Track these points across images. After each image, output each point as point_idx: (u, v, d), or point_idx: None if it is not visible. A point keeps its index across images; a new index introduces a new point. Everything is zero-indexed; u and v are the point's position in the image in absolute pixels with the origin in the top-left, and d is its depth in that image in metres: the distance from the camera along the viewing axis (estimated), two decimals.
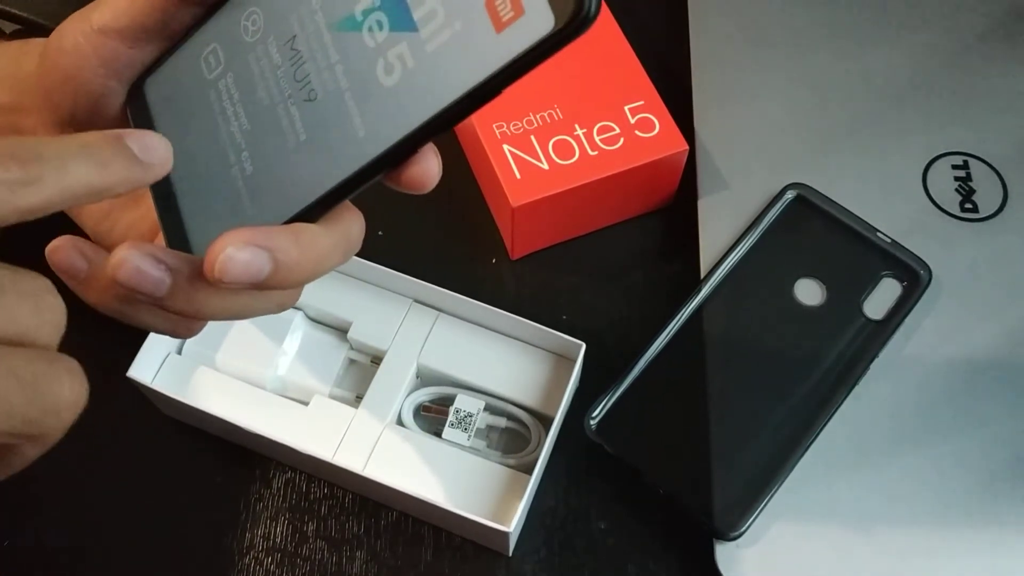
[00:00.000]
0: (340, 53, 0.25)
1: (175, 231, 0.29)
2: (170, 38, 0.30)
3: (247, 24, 0.28)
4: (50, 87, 0.30)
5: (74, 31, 0.29)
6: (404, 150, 0.25)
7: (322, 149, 0.26)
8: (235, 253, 0.24)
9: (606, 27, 0.47)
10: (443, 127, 0.24)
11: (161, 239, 0.29)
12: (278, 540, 0.40)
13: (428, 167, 0.26)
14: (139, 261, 0.25)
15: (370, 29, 0.25)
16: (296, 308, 0.43)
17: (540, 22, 0.22)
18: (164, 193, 0.29)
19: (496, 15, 0.23)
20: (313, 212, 0.26)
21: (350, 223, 0.28)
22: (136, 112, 0.30)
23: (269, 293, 0.28)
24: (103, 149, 0.24)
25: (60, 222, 0.31)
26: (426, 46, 0.24)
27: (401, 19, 0.24)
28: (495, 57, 0.23)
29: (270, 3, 0.27)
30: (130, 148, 0.24)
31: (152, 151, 0.25)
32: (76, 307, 0.36)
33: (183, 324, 0.29)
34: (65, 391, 0.23)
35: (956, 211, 0.45)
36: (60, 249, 0.27)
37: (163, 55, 0.30)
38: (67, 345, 0.46)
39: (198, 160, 0.29)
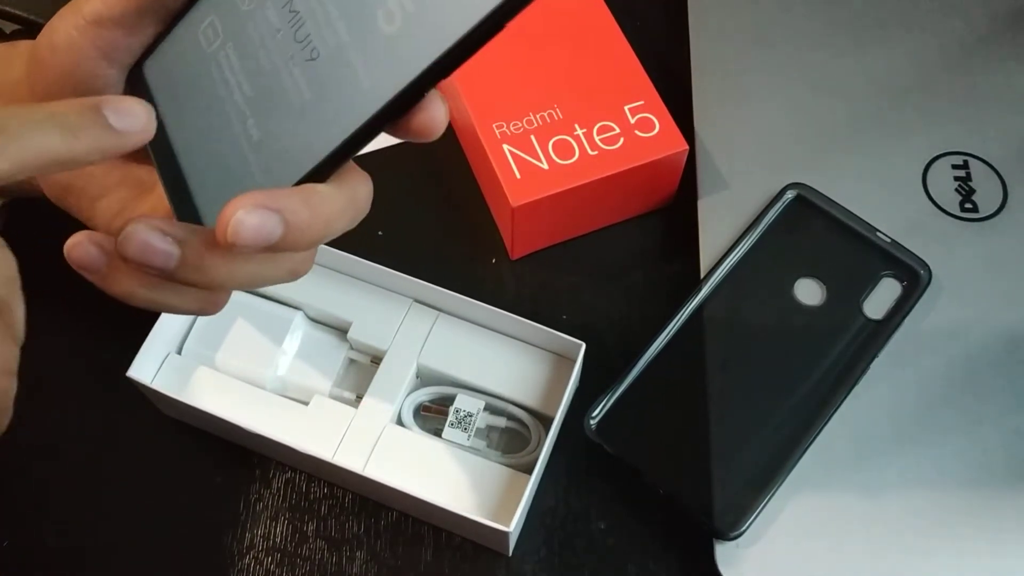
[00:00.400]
0: (339, 8, 0.25)
1: (185, 207, 0.29)
2: (166, 19, 0.29)
3: None
4: (45, 89, 0.30)
5: (66, 26, 0.28)
6: (410, 97, 0.25)
7: (328, 106, 0.26)
8: (246, 216, 0.24)
9: (606, 27, 0.47)
10: (448, 69, 0.24)
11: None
12: (278, 540, 0.40)
13: (435, 113, 0.26)
14: (146, 235, 0.25)
15: None
16: (296, 308, 0.43)
17: None
18: (171, 170, 0.29)
19: None
20: (322, 172, 0.26)
21: (357, 184, 0.28)
22: (137, 95, 0.30)
23: (281, 258, 0.28)
24: (72, 117, 0.24)
25: (72, 223, 0.31)
26: None
27: None
28: None
29: None
30: (104, 116, 0.24)
31: (130, 117, 0.25)
32: (77, 307, 0.36)
33: (208, 299, 0.29)
34: None
35: (956, 211, 0.45)
36: (78, 245, 0.27)
37: (159, 36, 0.30)
38: (68, 346, 0.47)
39: (203, 133, 0.29)
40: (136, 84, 0.30)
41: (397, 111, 0.25)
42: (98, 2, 0.28)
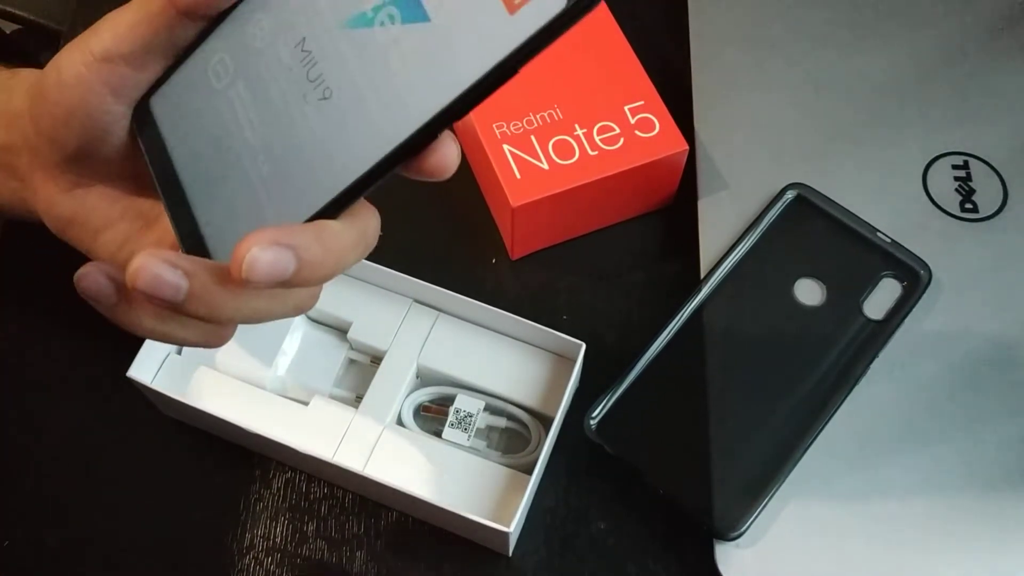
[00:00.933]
0: (353, 50, 0.26)
1: (192, 241, 0.29)
2: (174, 54, 0.29)
3: (255, 31, 0.28)
4: (51, 124, 0.30)
5: (74, 63, 0.28)
6: (423, 139, 0.25)
7: (340, 145, 0.26)
8: (260, 253, 0.25)
9: (606, 27, 0.47)
10: (460, 113, 0.24)
11: None
12: (278, 540, 0.40)
13: (447, 153, 0.26)
14: (156, 267, 0.25)
15: (382, 24, 0.25)
16: None
17: (551, 1, 0.22)
18: (178, 203, 0.29)
19: None
20: (333, 209, 0.26)
21: (367, 220, 0.28)
22: (144, 130, 0.30)
23: (288, 294, 0.28)
24: None
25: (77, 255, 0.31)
26: (439, 34, 0.24)
27: (412, 11, 0.24)
28: (508, 39, 0.23)
29: (277, 9, 0.27)
30: None
31: None
32: (77, 308, 0.36)
33: (214, 333, 0.30)
34: None
35: (956, 211, 0.45)
36: (87, 276, 0.27)
37: (167, 71, 0.30)
38: (68, 346, 0.47)
39: (212, 168, 0.29)
40: (143, 118, 0.30)
41: (410, 152, 0.25)
42: (108, 38, 0.28)
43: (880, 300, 0.42)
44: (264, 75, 0.27)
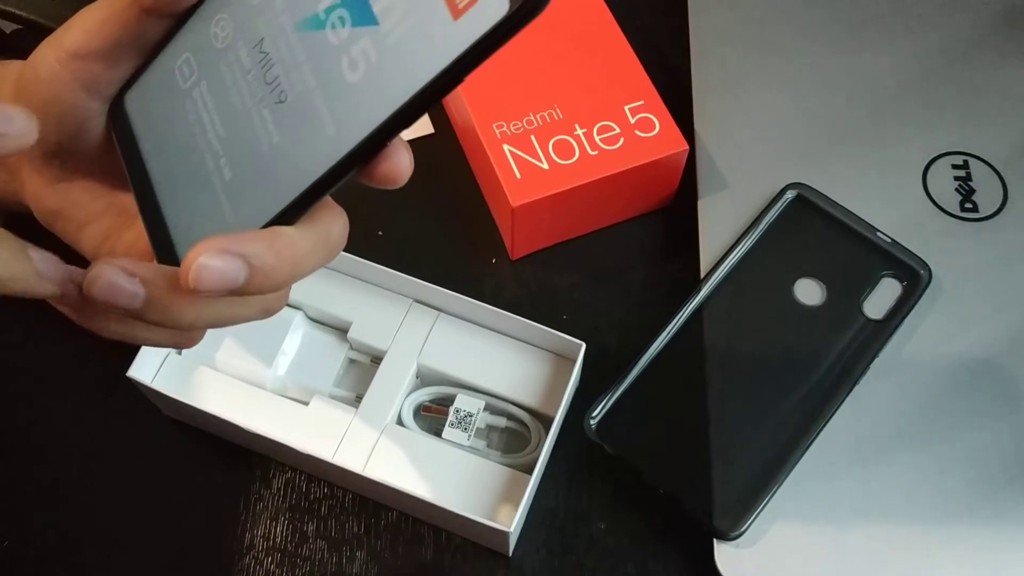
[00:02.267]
0: (306, 52, 0.25)
1: (162, 243, 0.29)
2: (145, 51, 0.29)
3: (216, 31, 0.28)
4: None
5: (47, 59, 0.28)
6: (373, 145, 0.25)
7: (294, 150, 0.26)
8: (208, 261, 0.24)
9: (606, 27, 0.47)
10: (409, 119, 0.24)
11: None
12: (278, 540, 0.40)
13: (399, 161, 0.26)
14: (112, 276, 0.25)
15: (333, 26, 0.25)
16: (296, 308, 0.43)
17: (495, 6, 0.22)
18: (149, 204, 0.29)
19: (452, 2, 0.23)
20: (290, 214, 0.26)
21: (330, 223, 0.28)
22: (118, 128, 0.30)
23: (250, 299, 0.28)
24: None
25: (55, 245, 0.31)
26: (387, 39, 0.24)
27: (362, 14, 0.24)
28: (454, 45, 0.23)
29: (237, 8, 0.27)
30: None
31: (4, 121, 0.25)
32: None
33: (181, 335, 0.30)
34: None
35: (956, 211, 0.45)
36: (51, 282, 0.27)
37: (140, 68, 0.30)
38: (68, 346, 0.47)
39: (179, 170, 0.29)
40: (118, 116, 0.30)
41: (361, 158, 0.25)
42: (79, 35, 0.28)
43: (880, 300, 0.42)
44: (225, 76, 0.27)
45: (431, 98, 0.24)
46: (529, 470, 0.39)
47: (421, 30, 0.23)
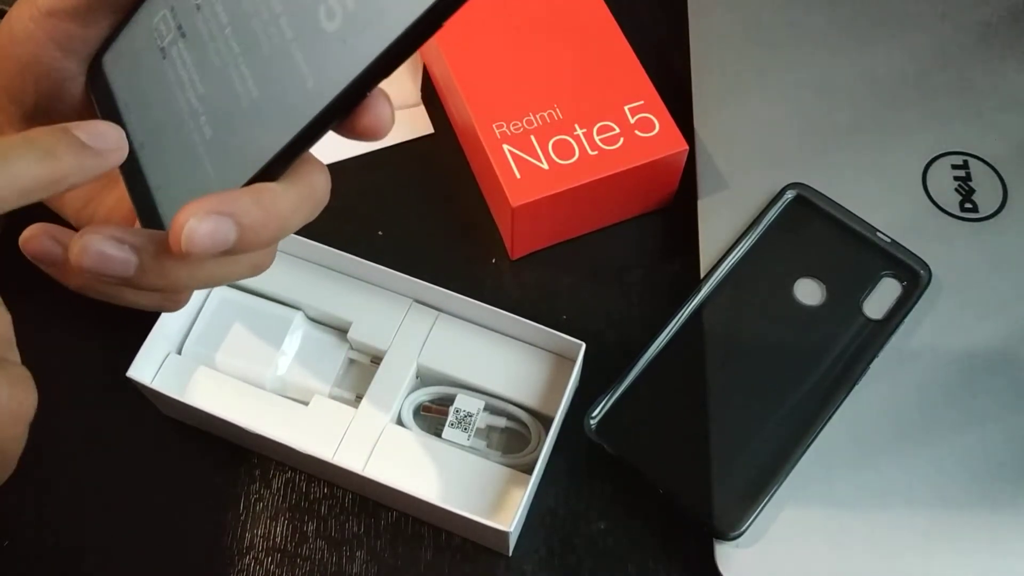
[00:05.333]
0: (283, 4, 0.25)
1: (146, 207, 0.28)
2: (121, 10, 0.29)
3: None
4: (9, 80, 0.30)
5: (23, 18, 0.28)
6: (353, 96, 0.25)
7: (274, 104, 0.26)
8: (198, 224, 0.24)
9: (606, 27, 0.47)
10: (388, 68, 0.24)
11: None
12: (278, 540, 0.40)
13: (380, 113, 0.26)
14: (101, 245, 0.25)
15: None
16: (296, 308, 0.43)
17: None
18: (132, 169, 0.29)
19: None
20: (273, 170, 0.26)
21: (313, 176, 0.28)
22: (97, 90, 0.30)
23: (240, 256, 0.28)
24: (48, 141, 0.24)
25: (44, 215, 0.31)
26: None
27: None
28: None
29: None
30: (78, 137, 0.24)
31: (102, 138, 0.25)
32: (76, 307, 0.36)
33: (168, 298, 0.29)
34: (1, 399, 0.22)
35: (956, 211, 0.45)
36: (33, 238, 0.27)
37: (117, 28, 0.29)
38: (67, 346, 0.47)
39: (160, 131, 0.28)
40: (96, 78, 0.30)
41: (342, 110, 0.25)
42: None
43: (880, 300, 0.42)
44: (202, 32, 0.27)
45: (409, 46, 0.23)
46: (529, 470, 0.39)
47: None
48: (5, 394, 0.22)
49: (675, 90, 0.48)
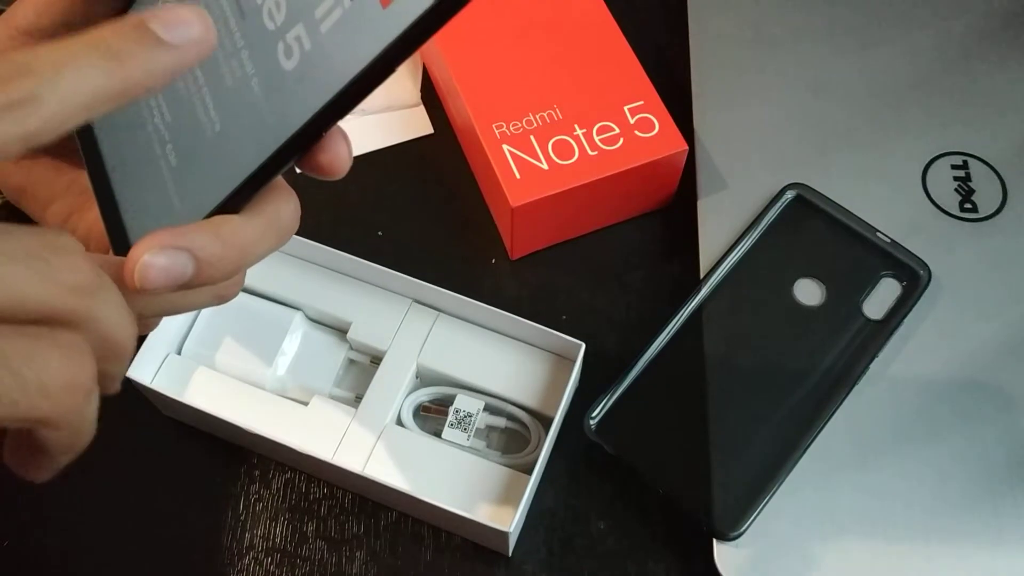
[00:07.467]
0: (245, 39, 0.25)
1: (117, 231, 0.28)
2: None
3: None
4: None
5: (0, 37, 0.28)
6: (310, 134, 0.25)
7: (234, 137, 0.26)
8: (152, 259, 0.24)
9: (606, 27, 0.47)
10: (344, 108, 0.24)
11: None
12: (278, 540, 0.40)
13: (338, 152, 0.26)
14: None
15: (269, 12, 0.25)
16: (296, 308, 0.43)
17: None
18: (106, 193, 0.29)
19: None
20: (233, 202, 0.26)
21: (279, 206, 0.27)
22: None
23: (201, 288, 0.27)
24: (114, 40, 0.21)
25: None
26: (320, 26, 0.24)
27: (296, 0, 0.24)
28: (384, 33, 0.23)
29: None
30: (153, 31, 0.22)
31: (183, 26, 0.22)
32: None
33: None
34: (50, 369, 0.20)
35: (956, 211, 0.45)
36: None
37: None
38: None
39: (131, 156, 0.28)
40: None
41: (299, 148, 0.25)
42: (29, 12, 0.28)
43: (880, 300, 0.42)
44: None
45: (363, 88, 0.23)
46: (529, 470, 0.39)
47: (352, 18, 0.23)
48: (55, 364, 0.20)
49: (675, 90, 0.48)
